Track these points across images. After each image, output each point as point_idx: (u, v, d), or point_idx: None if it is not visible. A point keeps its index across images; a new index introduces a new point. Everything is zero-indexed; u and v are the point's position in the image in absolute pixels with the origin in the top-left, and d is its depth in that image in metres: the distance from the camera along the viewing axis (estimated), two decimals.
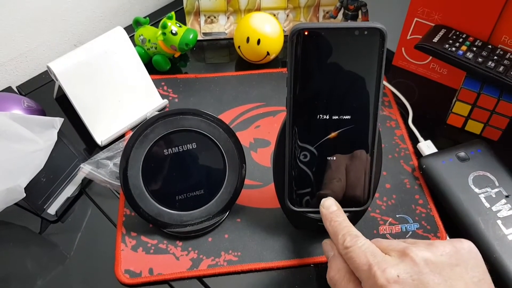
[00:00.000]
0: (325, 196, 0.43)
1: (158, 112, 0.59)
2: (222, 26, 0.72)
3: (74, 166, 0.53)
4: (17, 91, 0.65)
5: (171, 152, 0.47)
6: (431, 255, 0.33)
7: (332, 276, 0.37)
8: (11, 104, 0.54)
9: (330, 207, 0.41)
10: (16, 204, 0.47)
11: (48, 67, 0.55)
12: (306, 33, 0.38)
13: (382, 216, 0.50)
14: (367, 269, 0.33)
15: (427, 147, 0.56)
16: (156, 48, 0.63)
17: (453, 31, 0.58)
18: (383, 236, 0.48)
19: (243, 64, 0.67)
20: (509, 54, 0.55)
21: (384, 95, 0.63)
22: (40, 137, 0.48)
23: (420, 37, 0.60)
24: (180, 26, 0.62)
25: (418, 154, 0.56)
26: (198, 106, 0.60)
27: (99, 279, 0.46)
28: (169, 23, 0.61)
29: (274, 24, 0.64)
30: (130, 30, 0.66)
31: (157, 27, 0.64)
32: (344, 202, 0.44)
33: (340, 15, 0.67)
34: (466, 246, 0.34)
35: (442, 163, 0.52)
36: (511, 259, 0.44)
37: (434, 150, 0.55)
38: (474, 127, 0.58)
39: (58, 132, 0.50)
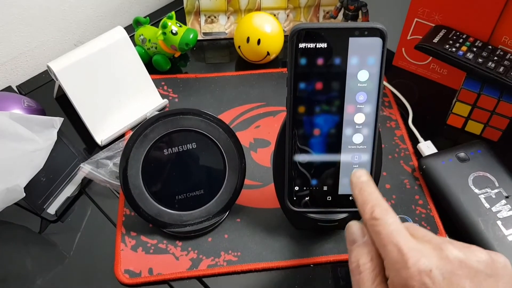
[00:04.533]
0: (325, 195, 0.43)
1: (158, 112, 0.59)
2: (222, 26, 0.71)
3: (74, 165, 0.53)
4: (17, 91, 0.65)
5: (171, 152, 0.47)
6: (466, 258, 0.31)
7: (363, 263, 0.33)
8: (11, 104, 0.54)
9: (361, 177, 0.37)
10: (16, 203, 0.47)
11: (48, 66, 0.55)
12: (306, 33, 0.37)
13: None
14: (396, 252, 0.31)
15: (427, 147, 0.56)
16: (156, 48, 0.63)
17: (454, 32, 0.58)
18: None
19: (243, 64, 0.67)
20: (509, 54, 0.55)
21: (384, 96, 0.63)
22: (40, 136, 0.48)
23: (420, 37, 0.60)
24: (180, 26, 0.62)
25: (418, 154, 0.56)
26: (198, 106, 0.60)
27: (98, 279, 0.46)
28: (169, 22, 0.61)
29: (274, 24, 0.64)
30: (130, 29, 0.66)
31: (157, 27, 0.64)
32: (344, 202, 0.44)
33: (340, 15, 0.67)
34: (502, 260, 0.32)
35: (442, 164, 0.52)
36: (511, 259, 0.44)
37: (434, 150, 0.55)
38: (474, 127, 0.58)
39: (58, 132, 0.50)
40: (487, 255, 0.32)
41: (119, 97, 0.58)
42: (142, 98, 0.60)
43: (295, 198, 0.44)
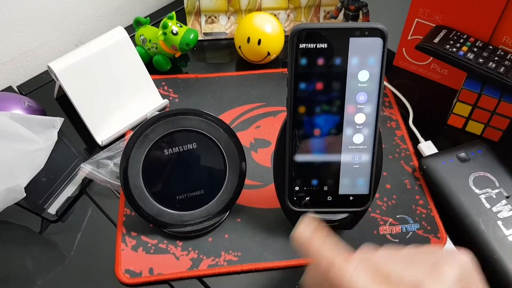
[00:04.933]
0: (325, 195, 0.43)
1: (158, 112, 0.59)
2: (222, 26, 0.72)
3: (75, 165, 0.53)
4: (17, 91, 0.65)
5: (172, 152, 0.47)
6: None
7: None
8: (12, 104, 0.54)
9: (301, 235, 0.35)
10: (16, 203, 0.47)
11: (48, 66, 0.55)
12: (307, 33, 0.38)
13: (382, 217, 0.50)
14: None
15: (427, 147, 0.56)
16: (156, 48, 0.63)
17: (454, 32, 0.58)
18: (383, 237, 0.48)
19: (243, 64, 0.67)
20: (510, 54, 0.55)
21: (385, 96, 0.63)
22: (40, 136, 0.48)
23: (421, 37, 0.60)
24: (180, 26, 0.62)
25: (418, 154, 0.56)
26: (199, 106, 0.60)
27: (99, 279, 0.46)
28: (169, 23, 0.61)
29: (275, 24, 0.64)
30: (130, 30, 0.66)
31: (157, 27, 0.64)
32: (344, 202, 0.44)
33: (341, 16, 0.67)
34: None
35: (443, 164, 0.52)
36: (511, 260, 0.44)
37: (435, 150, 0.55)
38: (475, 127, 0.58)
39: (58, 132, 0.50)
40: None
41: (119, 97, 0.58)
42: (143, 98, 0.60)
43: (295, 198, 0.44)
